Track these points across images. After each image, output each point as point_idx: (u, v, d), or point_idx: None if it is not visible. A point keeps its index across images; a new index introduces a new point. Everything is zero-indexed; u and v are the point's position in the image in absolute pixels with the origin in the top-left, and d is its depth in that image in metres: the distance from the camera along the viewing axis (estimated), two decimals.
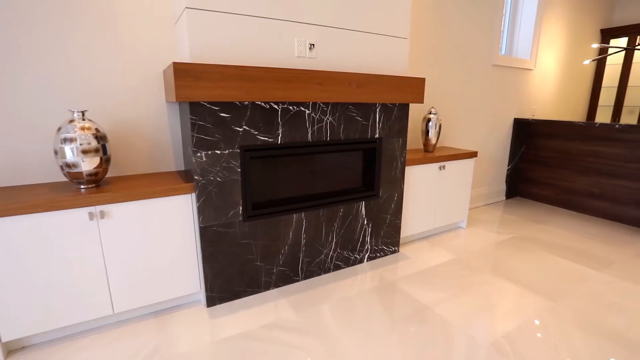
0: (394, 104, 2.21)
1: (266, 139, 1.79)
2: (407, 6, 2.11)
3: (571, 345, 1.57)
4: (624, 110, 4.59)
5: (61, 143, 1.46)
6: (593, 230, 3.04)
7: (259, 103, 1.73)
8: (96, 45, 1.69)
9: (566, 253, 2.56)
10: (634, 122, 4.55)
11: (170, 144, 1.97)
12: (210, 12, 1.54)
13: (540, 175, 3.85)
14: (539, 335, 1.64)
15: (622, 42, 4.59)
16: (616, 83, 4.61)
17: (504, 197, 4.04)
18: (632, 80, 4.48)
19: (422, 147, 3.06)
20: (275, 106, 1.78)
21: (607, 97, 4.77)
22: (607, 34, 4.60)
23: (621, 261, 2.43)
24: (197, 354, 1.49)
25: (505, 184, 4.01)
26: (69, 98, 1.68)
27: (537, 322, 1.73)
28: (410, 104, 2.82)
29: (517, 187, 4.10)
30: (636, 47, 3.28)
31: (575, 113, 4.80)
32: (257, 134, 1.76)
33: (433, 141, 2.76)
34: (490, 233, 2.95)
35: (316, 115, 1.92)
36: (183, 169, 2.02)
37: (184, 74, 1.46)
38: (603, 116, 4.84)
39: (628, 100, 4.55)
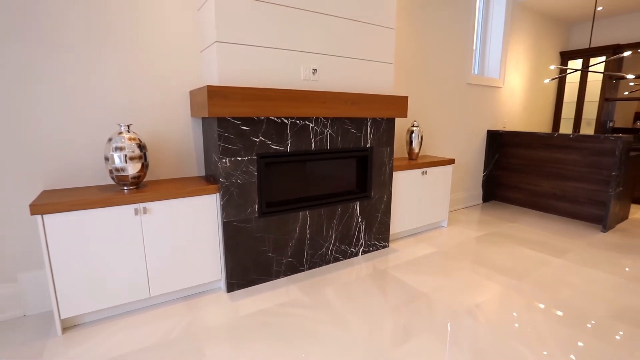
0: (382, 118, 2.60)
1: (278, 147, 2.14)
2: (391, 36, 2.53)
3: (528, 311, 1.94)
4: (583, 122, 5.16)
5: (112, 151, 1.77)
6: (555, 226, 3.49)
7: (273, 118, 2.08)
8: (135, 72, 2.02)
9: (532, 245, 2.97)
10: (592, 132, 5.12)
11: (193, 153, 2.29)
12: (235, 44, 1.90)
13: (511, 180, 4.31)
14: (503, 304, 2.01)
15: (578, 63, 5.20)
16: (575, 98, 5.20)
17: (481, 201, 4.48)
18: (588, 96, 5.07)
19: (406, 155, 3.46)
20: (286, 120, 2.14)
21: (568, 110, 5.35)
22: (566, 56, 5.21)
23: (576, 250, 2.86)
24: (226, 326, 1.79)
25: (481, 188, 4.45)
26: (115, 114, 1.99)
27: (502, 295, 2.11)
28: (395, 118, 3.22)
29: (493, 191, 4.55)
30: (584, 69, 3.82)
31: (542, 125, 5.35)
32: (270, 144, 2.11)
33: (416, 150, 3.17)
34: (468, 231, 3.35)
35: (318, 128, 2.28)
36: (204, 174, 2.34)
37: (214, 95, 1.80)
38: (566, 127, 5.41)
39: (586, 114, 5.13)
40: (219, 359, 1.54)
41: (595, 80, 5.00)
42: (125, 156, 1.78)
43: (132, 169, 1.81)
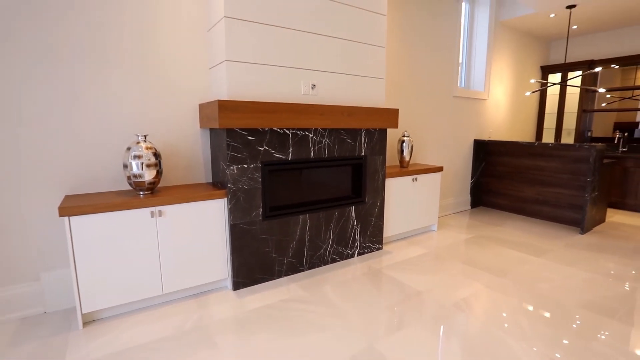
0: (375, 129, 2.82)
1: (280, 156, 2.33)
2: (382, 54, 2.77)
3: (509, 303, 2.14)
4: (564, 132, 5.47)
5: (131, 159, 1.94)
6: (537, 229, 3.72)
7: (276, 129, 2.28)
8: (150, 87, 2.21)
9: (515, 246, 3.19)
10: (572, 141, 5.42)
11: (201, 161, 2.47)
12: (241, 63, 2.11)
13: (497, 187, 4.56)
14: (486, 298, 2.20)
15: (558, 77, 5.54)
16: (556, 110, 5.52)
17: (470, 207, 4.71)
18: (567, 108, 5.39)
19: (398, 163, 3.68)
20: (287, 131, 2.34)
21: (550, 121, 5.66)
22: (546, 70, 5.54)
23: (554, 250, 3.08)
24: (234, 320, 1.95)
25: (469, 195, 4.69)
26: (131, 125, 2.17)
27: (486, 290, 2.31)
28: (387, 129, 3.45)
29: (480, 197, 4.79)
30: (561, 83, 4.11)
31: (526, 134, 5.65)
32: (273, 152, 2.30)
33: (407, 158, 3.39)
34: (456, 234, 3.56)
35: (317, 138, 2.49)
36: (211, 181, 2.51)
37: (224, 108, 2.00)
38: (548, 137, 5.71)
39: (566, 124, 5.44)
40: (229, 346, 1.70)
41: (573, 93, 5.33)
42: (143, 164, 1.96)
43: (149, 175, 1.99)
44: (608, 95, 5.14)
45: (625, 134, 4.83)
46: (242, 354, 1.65)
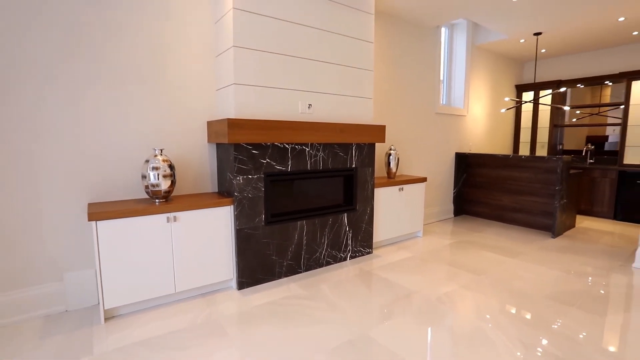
0: (365, 144, 3.12)
1: (281, 168, 2.60)
2: (370, 77, 3.10)
3: (485, 297, 2.42)
4: (538, 145, 5.91)
5: (149, 170, 2.18)
6: (514, 234, 4.05)
7: (277, 143, 2.56)
8: (163, 106, 2.47)
9: (493, 249, 3.49)
10: (545, 153, 5.85)
11: (208, 172, 2.72)
12: (248, 86, 2.40)
13: (478, 196, 4.90)
14: (466, 292, 2.48)
15: (531, 94, 6.01)
16: (530, 124, 5.97)
17: (453, 215, 5.03)
18: (540, 123, 5.85)
19: (385, 174, 3.99)
20: (287, 146, 2.62)
21: (526, 135, 6.10)
22: (520, 89, 6.01)
23: (528, 252, 3.40)
24: (241, 314, 2.17)
25: (452, 204, 5.02)
26: (146, 140, 2.41)
27: (466, 286, 2.59)
28: (376, 143, 3.77)
29: (463, 206, 5.12)
30: (531, 101, 4.54)
31: (504, 147, 6.07)
32: (274, 165, 2.57)
33: (394, 170, 3.70)
34: (440, 240, 3.85)
35: (313, 152, 2.77)
36: (217, 190, 2.76)
37: (233, 125, 2.27)
38: (524, 150, 6.14)
39: (540, 138, 5.89)
40: (239, 335, 1.93)
41: (545, 109, 5.79)
42: (159, 174, 2.20)
43: (165, 184, 2.23)
44: (578, 112, 5.61)
45: (593, 147, 5.27)
46: (251, 341, 1.88)
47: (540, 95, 5.32)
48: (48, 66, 2.06)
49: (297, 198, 2.84)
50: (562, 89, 4.02)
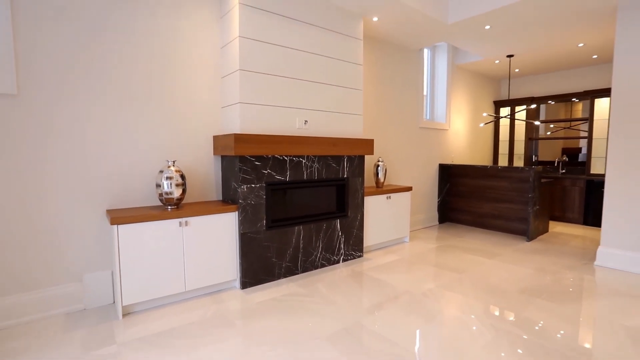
0: (355, 156, 3.44)
1: (280, 177, 2.88)
2: (360, 95, 3.44)
3: (465, 291, 2.72)
4: (515, 157, 6.35)
5: (163, 179, 2.43)
6: (493, 239, 4.39)
7: (277, 156, 2.84)
8: (173, 121, 2.73)
9: (473, 251, 3.81)
10: (522, 164, 6.28)
11: (213, 182, 2.97)
12: (251, 104, 2.69)
13: (461, 204, 5.25)
14: (447, 288, 2.77)
15: (508, 110, 6.48)
16: (508, 137, 6.41)
17: (437, 222, 5.36)
18: (517, 136, 6.30)
19: (374, 184, 4.30)
20: (286, 158, 2.90)
21: (504, 147, 6.54)
22: (498, 104, 6.48)
23: (504, 254, 3.73)
24: (246, 309, 2.40)
25: (437, 211, 5.36)
26: (158, 152, 2.66)
27: (447, 282, 2.88)
28: (365, 155, 4.08)
29: (447, 214, 5.46)
30: (506, 117, 4.96)
31: (484, 158, 6.48)
32: (275, 175, 2.85)
33: (382, 180, 4.01)
34: (425, 244, 4.16)
35: (309, 163, 3.06)
36: (221, 198, 3.01)
37: (238, 140, 2.55)
38: (503, 161, 6.57)
39: (517, 150, 6.33)
40: (246, 326, 2.16)
41: (520, 124, 6.25)
42: (172, 183, 2.45)
43: (177, 192, 2.48)
44: (552, 125, 6.07)
45: (565, 158, 5.72)
46: (256, 330, 2.11)
47: (516, 111, 5.77)
48: (88, 91, 2.32)
49: (294, 205, 3.11)
50: (533, 106, 4.45)
